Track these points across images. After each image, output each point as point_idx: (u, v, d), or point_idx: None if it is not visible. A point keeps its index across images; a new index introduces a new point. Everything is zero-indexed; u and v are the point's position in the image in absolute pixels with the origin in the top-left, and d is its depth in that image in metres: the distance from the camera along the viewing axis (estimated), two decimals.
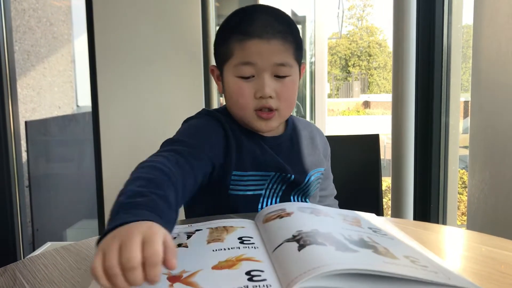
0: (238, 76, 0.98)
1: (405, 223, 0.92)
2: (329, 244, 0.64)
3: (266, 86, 0.96)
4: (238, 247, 0.71)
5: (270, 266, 0.63)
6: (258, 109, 0.99)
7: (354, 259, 0.61)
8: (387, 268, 0.58)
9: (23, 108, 3.49)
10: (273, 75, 0.98)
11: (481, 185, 1.57)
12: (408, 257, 0.64)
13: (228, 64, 1.00)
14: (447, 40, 2.07)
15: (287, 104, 1.01)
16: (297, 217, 0.79)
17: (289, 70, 0.99)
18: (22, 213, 2.58)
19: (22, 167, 2.65)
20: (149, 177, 0.72)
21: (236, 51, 0.98)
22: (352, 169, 1.50)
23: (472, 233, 0.86)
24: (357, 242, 0.67)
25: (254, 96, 0.98)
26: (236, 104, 1.01)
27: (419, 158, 2.13)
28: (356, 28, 34.34)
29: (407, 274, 0.57)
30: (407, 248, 0.70)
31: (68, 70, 4.16)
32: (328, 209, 0.87)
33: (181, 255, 0.69)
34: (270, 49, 0.96)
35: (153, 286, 0.57)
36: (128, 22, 2.13)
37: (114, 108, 2.16)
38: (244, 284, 0.58)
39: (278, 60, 0.97)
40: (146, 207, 0.63)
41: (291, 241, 0.67)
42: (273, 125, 1.02)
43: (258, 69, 0.97)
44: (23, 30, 3.60)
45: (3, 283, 0.66)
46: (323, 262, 0.58)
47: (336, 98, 25.93)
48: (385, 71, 32.01)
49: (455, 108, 2.13)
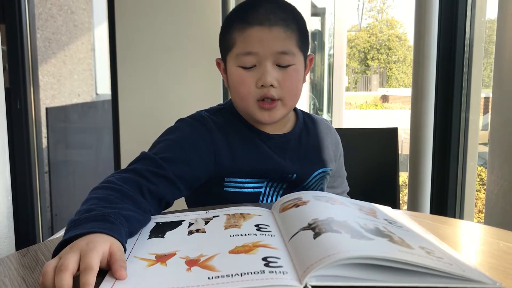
0: (240, 66, 0.97)
1: (422, 216, 0.92)
2: (345, 232, 0.65)
3: (268, 74, 0.95)
4: (254, 234, 0.71)
5: (286, 254, 0.64)
6: (260, 99, 0.97)
7: (369, 247, 0.61)
8: (402, 256, 0.58)
9: (43, 95, 3.54)
10: (275, 64, 0.96)
11: (500, 181, 1.55)
12: (424, 248, 0.64)
13: (230, 54, 0.99)
14: (469, 34, 2.04)
15: (290, 94, 0.99)
16: (313, 205, 0.79)
17: (292, 58, 0.97)
18: (42, 198, 2.63)
19: (42, 153, 2.70)
20: (100, 196, 0.76)
21: (237, 40, 0.97)
22: (369, 162, 1.49)
23: (489, 228, 0.86)
24: (373, 231, 0.67)
25: (256, 85, 0.96)
26: (238, 95, 1.00)
27: (438, 153, 2.11)
28: (376, 21, 33.95)
29: (422, 263, 0.57)
30: (423, 239, 0.70)
31: (88, 58, 4.21)
32: (343, 199, 0.87)
33: (198, 240, 0.71)
34: (271, 36, 0.94)
35: (175, 268, 0.60)
36: (149, 12, 2.14)
37: (133, 97, 2.18)
38: (261, 269, 0.59)
39: (280, 48, 0.95)
40: (93, 219, 0.68)
41: (306, 229, 0.67)
42: (276, 115, 1.00)
43: (260, 58, 0.95)
44: (44, 17, 3.64)
45: (26, 263, 0.68)
46: (338, 249, 0.58)
47: (354, 92, 25.73)
48: (404, 65, 31.63)
49: (475, 103, 2.10)
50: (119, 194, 0.78)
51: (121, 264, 0.60)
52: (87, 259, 0.59)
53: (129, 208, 0.75)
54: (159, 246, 0.69)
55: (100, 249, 0.61)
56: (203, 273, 0.60)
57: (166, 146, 0.95)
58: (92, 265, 0.58)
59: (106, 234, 0.65)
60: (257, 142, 1.03)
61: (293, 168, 1.03)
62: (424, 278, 0.57)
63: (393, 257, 0.57)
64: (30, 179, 2.53)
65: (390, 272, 0.57)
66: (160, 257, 0.65)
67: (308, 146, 1.09)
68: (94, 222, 0.67)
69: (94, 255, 0.59)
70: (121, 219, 0.70)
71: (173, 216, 0.85)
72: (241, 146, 1.01)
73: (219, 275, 0.58)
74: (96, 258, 0.59)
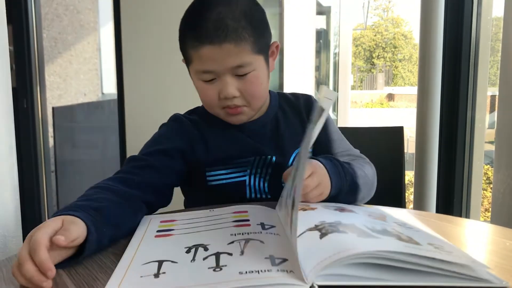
0: (201, 80, 0.98)
1: (428, 215, 0.91)
2: (351, 232, 0.65)
3: (227, 87, 0.95)
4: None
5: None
6: (226, 106, 0.99)
7: (376, 244, 0.61)
8: (410, 250, 0.57)
9: (50, 94, 3.56)
10: (234, 75, 0.96)
11: (506, 180, 1.55)
12: (432, 244, 0.63)
13: (190, 67, 1.01)
14: (475, 32, 2.02)
15: (253, 99, 0.99)
16: (321, 211, 0.79)
17: (248, 67, 0.95)
18: (49, 197, 2.64)
19: (49, 153, 2.71)
20: (86, 193, 0.82)
21: (193, 58, 0.97)
22: (375, 161, 1.48)
23: (496, 227, 0.85)
24: (380, 231, 0.67)
25: (218, 97, 0.98)
26: (204, 103, 1.04)
27: (444, 152, 2.10)
28: (381, 19, 33.81)
29: (431, 255, 0.56)
30: (432, 237, 0.70)
31: (94, 57, 4.22)
32: (353, 206, 0.87)
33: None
34: (223, 54, 0.92)
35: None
36: (154, 12, 2.14)
37: (139, 96, 2.18)
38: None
39: (233, 63, 0.94)
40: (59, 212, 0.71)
41: (313, 230, 0.67)
42: (243, 118, 1.03)
43: (217, 73, 0.96)
44: (51, 17, 3.66)
45: None
46: (345, 247, 0.58)
47: (359, 90, 25.66)
48: (410, 63, 31.50)
49: (481, 102, 2.09)
50: (99, 189, 0.83)
51: (61, 233, 0.63)
52: (34, 237, 0.62)
53: (104, 198, 0.79)
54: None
55: (49, 226, 0.64)
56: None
57: (146, 146, 1.03)
58: (38, 240, 0.61)
59: (61, 215, 0.68)
60: (231, 131, 1.05)
61: (270, 150, 1.04)
62: (432, 278, 0.57)
63: (400, 251, 0.57)
64: (37, 178, 2.54)
65: (398, 272, 0.57)
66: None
67: (284, 127, 1.09)
68: (57, 213, 0.70)
69: (40, 231, 0.63)
70: (87, 204, 0.74)
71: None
72: (215, 137, 1.04)
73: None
74: (42, 234, 0.62)
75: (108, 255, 0.71)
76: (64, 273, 0.64)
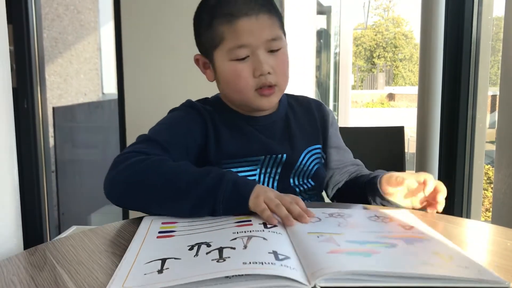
0: (233, 59, 0.97)
1: (428, 215, 0.91)
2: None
3: (264, 63, 0.95)
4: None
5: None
6: (259, 87, 0.98)
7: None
8: (419, 271, 0.58)
9: (50, 94, 3.56)
10: (267, 51, 0.97)
11: (507, 179, 1.55)
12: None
13: (219, 49, 0.98)
14: (476, 32, 2.02)
15: (284, 78, 1.01)
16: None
17: (280, 42, 0.98)
18: (49, 197, 2.64)
19: (49, 152, 2.71)
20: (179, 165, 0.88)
21: (226, 35, 0.96)
22: (375, 161, 1.49)
23: (497, 227, 0.85)
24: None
25: (253, 76, 0.97)
26: (235, 88, 0.99)
27: (444, 151, 2.10)
28: (382, 18, 33.79)
29: (439, 274, 0.57)
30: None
31: (94, 57, 4.22)
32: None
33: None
34: (259, 25, 0.94)
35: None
36: (155, 11, 2.14)
37: (139, 96, 2.18)
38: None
39: (269, 35, 0.96)
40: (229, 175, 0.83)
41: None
42: (274, 100, 1.02)
43: (252, 48, 0.95)
44: (51, 17, 3.66)
45: (35, 262, 0.69)
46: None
47: (360, 90, 25.65)
48: (410, 63, 31.48)
49: (482, 101, 2.09)
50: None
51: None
52: (289, 195, 0.81)
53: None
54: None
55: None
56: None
57: (165, 129, 0.99)
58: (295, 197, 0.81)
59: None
60: (243, 126, 1.04)
61: (282, 148, 1.03)
62: (435, 279, 0.57)
63: (409, 273, 0.57)
64: (37, 179, 2.54)
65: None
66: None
67: (294, 125, 1.09)
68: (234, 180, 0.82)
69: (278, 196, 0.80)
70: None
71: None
72: (226, 130, 1.02)
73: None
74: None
75: (108, 256, 0.70)
76: (64, 273, 0.64)
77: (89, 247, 0.74)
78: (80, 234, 0.81)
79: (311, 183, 1.08)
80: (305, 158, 1.07)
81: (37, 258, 0.70)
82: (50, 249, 0.74)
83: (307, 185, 1.08)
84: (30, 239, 2.45)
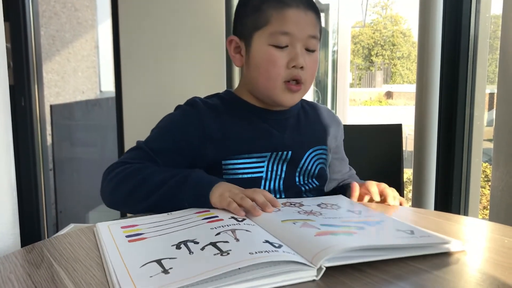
0: (272, 45, 0.97)
1: (426, 213, 0.91)
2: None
3: (300, 56, 0.97)
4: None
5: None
6: (288, 80, 0.98)
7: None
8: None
9: (48, 92, 3.55)
10: (304, 48, 0.99)
11: (505, 177, 1.55)
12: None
13: (260, 32, 0.99)
14: (474, 30, 2.02)
15: (311, 78, 1.03)
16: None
17: (316, 43, 1.01)
18: (47, 195, 2.63)
19: (46, 150, 2.71)
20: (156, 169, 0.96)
21: (273, 19, 0.97)
22: (373, 159, 1.49)
23: (495, 224, 0.85)
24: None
25: (287, 66, 0.98)
26: (265, 74, 0.99)
27: (442, 149, 2.10)
28: (380, 17, 33.76)
29: (403, 243, 0.65)
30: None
31: (92, 55, 4.22)
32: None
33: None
34: (306, 19, 0.98)
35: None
36: (152, 9, 2.14)
37: (137, 94, 2.18)
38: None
39: (312, 32, 0.98)
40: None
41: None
42: (297, 99, 1.03)
43: (294, 39, 0.97)
44: (48, 15, 3.65)
45: (32, 259, 0.69)
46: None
47: (358, 88, 25.64)
48: (408, 61, 31.49)
49: (480, 99, 2.09)
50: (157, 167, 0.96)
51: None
52: (253, 190, 0.85)
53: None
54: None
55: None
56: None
57: (158, 135, 1.04)
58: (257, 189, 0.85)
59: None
60: (254, 120, 1.04)
61: (289, 144, 1.04)
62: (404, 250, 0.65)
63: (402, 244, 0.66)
64: (35, 176, 2.54)
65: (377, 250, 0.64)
66: None
67: (305, 123, 1.10)
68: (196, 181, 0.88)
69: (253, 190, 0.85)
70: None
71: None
72: (235, 123, 1.02)
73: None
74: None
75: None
76: (61, 271, 0.64)
77: (86, 245, 0.74)
78: (77, 231, 0.81)
79: (315, 183, 1.09)
80: (308, 157, 1.07)
81: (34, 256, 0.70)
82: (47, 247, 0.74)
83: (312, 184, 1.08)
84: (27, 237, 2.45)
